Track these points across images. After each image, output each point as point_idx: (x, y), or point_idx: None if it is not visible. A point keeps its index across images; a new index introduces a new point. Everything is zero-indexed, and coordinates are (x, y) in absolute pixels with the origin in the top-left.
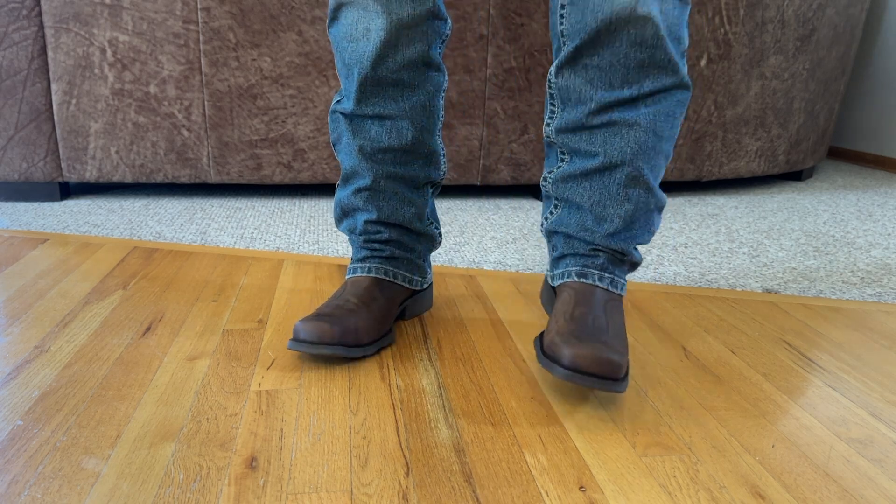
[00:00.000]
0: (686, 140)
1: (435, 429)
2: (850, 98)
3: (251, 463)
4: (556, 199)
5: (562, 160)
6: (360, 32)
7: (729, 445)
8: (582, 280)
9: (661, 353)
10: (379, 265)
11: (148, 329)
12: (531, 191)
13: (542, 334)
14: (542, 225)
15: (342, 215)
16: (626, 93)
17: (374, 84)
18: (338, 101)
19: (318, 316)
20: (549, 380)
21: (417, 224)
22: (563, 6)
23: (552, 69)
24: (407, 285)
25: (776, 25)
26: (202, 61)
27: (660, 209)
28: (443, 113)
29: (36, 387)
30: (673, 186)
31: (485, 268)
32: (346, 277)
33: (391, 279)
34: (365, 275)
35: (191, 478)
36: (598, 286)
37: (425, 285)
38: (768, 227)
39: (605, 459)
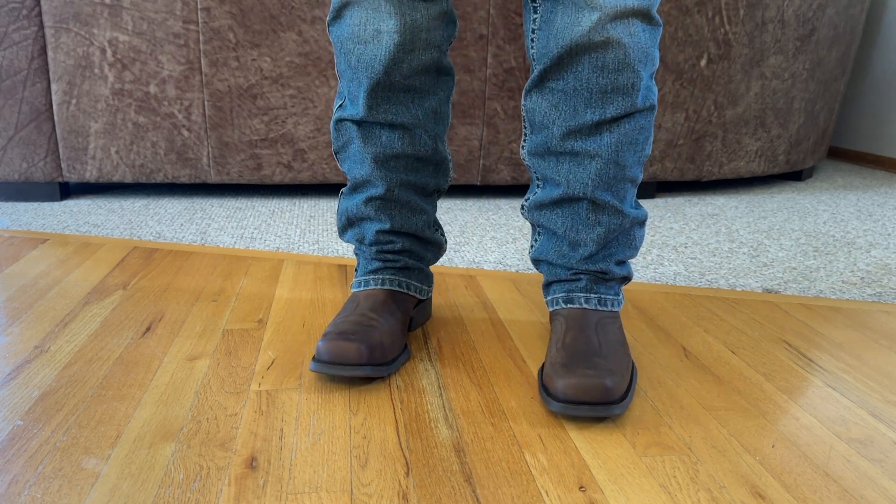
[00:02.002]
0: (686, 140)
1: (435, 429)
2: (850, 98)
3: (251, 463)
4: (536, 225)
5: (536, 186)
6: (370, 34)
7: (729, 445)
8: (569, 306)
9: (661, 353)
10: (393, 276)
11: (148, 329)
12: None
13: (542, 367)
14: (529, 253)
15: (348, 225)
16: (588, 118)
17: (385, 90)
18: (340, 107)
19: (340, 334)
20: None
21: (428, 232)
22: (533, 31)
23: (524, 92)
24: (416, 295)
25: (776, 25)
26: (202, 61)
27: (640, 224)
28: (450, 120)
29: (36, 387)
30: (673, 186)
31: (485, 268)
32: (357, 290)
33: (405, 290)
34: (379, 287)
35: (191, 478)
36: (585, 308)
37: (430, 294)
38: (768, 227)
39: (605, 459)
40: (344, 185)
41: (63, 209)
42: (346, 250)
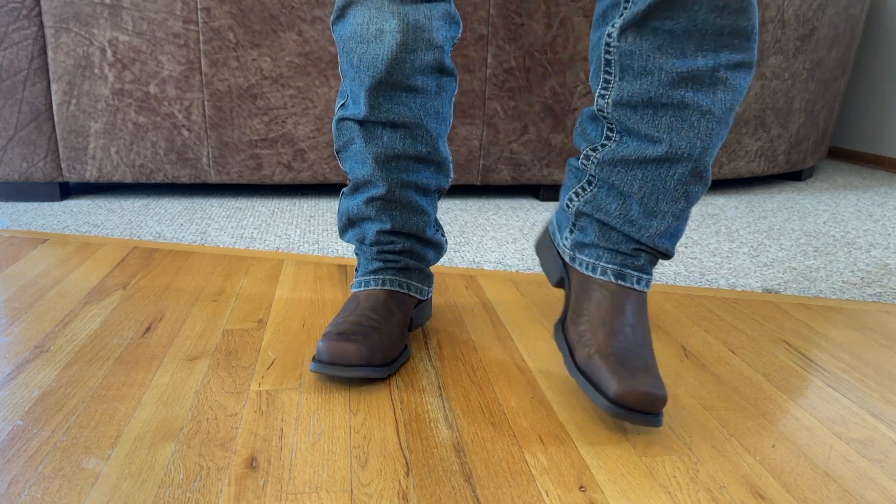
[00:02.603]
0: None
1: (435, 429)
2: (850, 98)
3: (251, 463)
4: (595, 177)
5: (608, 138)
6: (373, 34)
7: (729, 445)
8: (620, 282)
9: (661, 353)
10: (393, 277)
11: (148, 329)
12: (531, 191)
13: (563, 326)
14: (568, 200)
15: (349, 225)
16: (701, 62)
17: (387, 89)
18: (343, 106)
19: (340, 335)
20: (550, 379)
21: (428, 232)
22: None
23: (612, 30)
24: (417, 295)
25: (776, 25)
26: (202, 61)
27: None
28: (451, 121)
29: (36, 387)
30: None
31: (485, 268)
32: (357, 290)
33: (405, 291)
34: (380, 287)
35: (191, 478)
36: (635, 289)
37: (430, 294)
38: (768, 227)
39: (605, 459)
40: (344, 185)
41: (63, 209)
42: (345, 250)
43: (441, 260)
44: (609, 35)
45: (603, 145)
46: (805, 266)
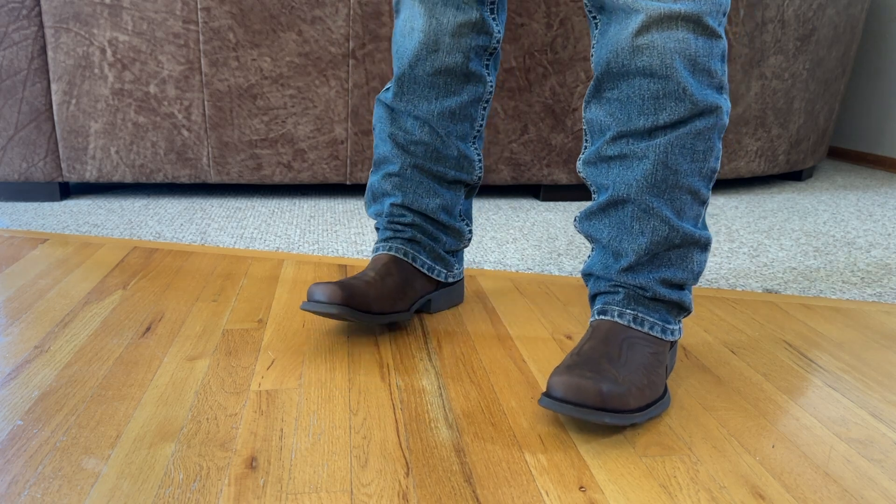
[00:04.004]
0: None
1: (435, 429)
2: (850, 98)
3: (251, 463)
4: (589, 239)
5: (593, 197)
6: (408, 30)
7: (729, 445)
8: (601, 317)
9: None
10: (399, 245)
11: (148, 329)
12: (531, 191)
13: None
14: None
15: (372, 200)
16: (641, 123)
17: (410, 82)
18: (386, 90)
19: (333, 282)
20: None
21: (444, 216)
22: (593, 45)
23: (583, 103)
24: (427, 273)
25: (776, 25)
26: (202, 61)
27: (700, 247)
28: (482, 123)
29: (36, 387)
30: None
31: (485, 268)
32: (372, 256)
33: (410, 261)
34: (385, 252)
35: (191, 478)
36: (617, 322)
37: (451, 279)
38: (768, 227)
39: (605, 459)
40: (344, 185)
41: (63, 209)
42: (345, 250)
43: None
44: (583, 107)
45: (588, 205)
46: (805, 266)
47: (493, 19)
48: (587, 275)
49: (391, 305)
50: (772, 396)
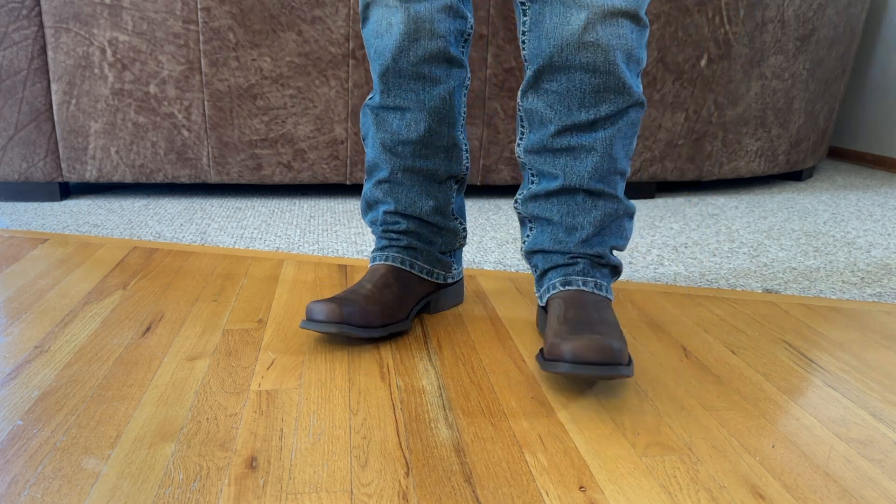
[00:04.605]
0: (686, 140)
1: (435, 429)
2: (850, 98)
3: (251, 463)
4: (529, 219)
5: (531, 182)
6: (384, 28)
7: (729, 445)
8: (567, 288)
9: (661, 353)
10: (396, 254)
11: (148, 329)
12: None
13: (541, 349)
14: (521, 249)
15: (367, 208)
16: (583, 117)
17: (395, 76)
18: (370, 98)
19: (331, 299)
20: (550, 379)
21: (438, 218)
22: (523, 32)
23: (519, 92)
24: (426, 277)
25: (776, 25)
26: (202, 61)
27: (630, 216)
28: (465, 109)
29: (36, 387)
30: (673, 186)
31: (485, 268)
32: (369, 266)
33: (408, 269)
34: (382, 262)
35: (191, 478)
36: (583, 290)
37: (450, 279)
38: (768, 227)
39: (605, 459)
40: (344, 185)
41: (63, 209)
42: (345, 250)
43: None
44: (518, 96)
45: (528, 188)
46: (805, 266)
47: (463, 3)
48: (533, 252)
49: (391, 317)
50: (772, 396)
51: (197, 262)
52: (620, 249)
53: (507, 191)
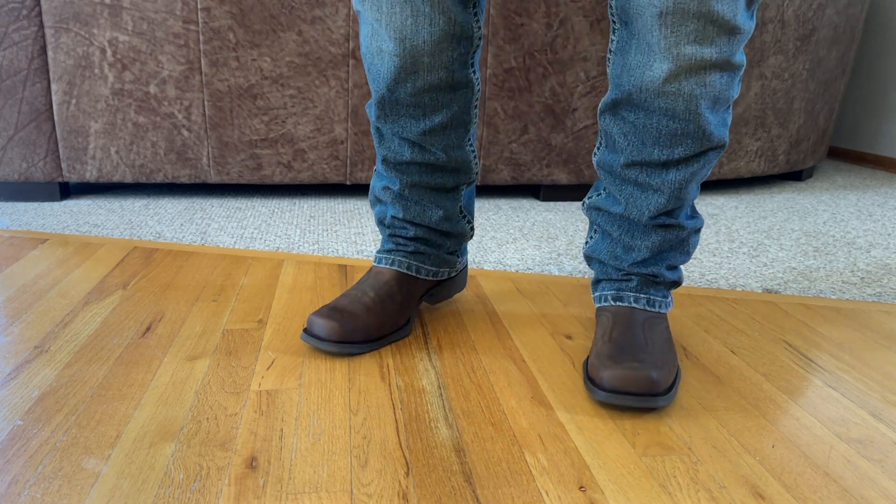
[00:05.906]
0: None
1: (435, 429)
2: (850, 98)
3: (251, 463)
4: (594, 223)
5: (599, 192)
6: (375, 50)
7: (729, 445)
8: (618, 303)
9: None
10: (403, 259)
11: (148, 329)
12: (531, 191)
13: (587, 359)
14: (583, 248)
15: (375, 201)
16: (656, 155)
17: (392, 104)
18: (369, 105)
19: (332, 310)
20: (550, 379)
21: (447, 224)
22: (610, 51)
23: (600, 104)
24: (432, 278)
25: (776, 25)
26: (202, 61)
27: (696, 231)
28: (475, 120)
29: (36, 387)
30: None
31: (485, 268)
32: (373, 265)
33: (414, 273)
34: (387, 267)
35: (191, 478)
36: (634, 307)
37: (454, 273)
38: (768, 227)
39: (605, 459)
40: (344, 185)
41: (63, 209)
42: (345, 250)
43: None
44: (599, 108)
45: (597, 194)
46: (805, 266)
47: (474, 15)
48: (591, 258)
49: (392, 326)
50: (772, 396)
51: (197, 262)
52: (681, 264)
53: (507, 191)
